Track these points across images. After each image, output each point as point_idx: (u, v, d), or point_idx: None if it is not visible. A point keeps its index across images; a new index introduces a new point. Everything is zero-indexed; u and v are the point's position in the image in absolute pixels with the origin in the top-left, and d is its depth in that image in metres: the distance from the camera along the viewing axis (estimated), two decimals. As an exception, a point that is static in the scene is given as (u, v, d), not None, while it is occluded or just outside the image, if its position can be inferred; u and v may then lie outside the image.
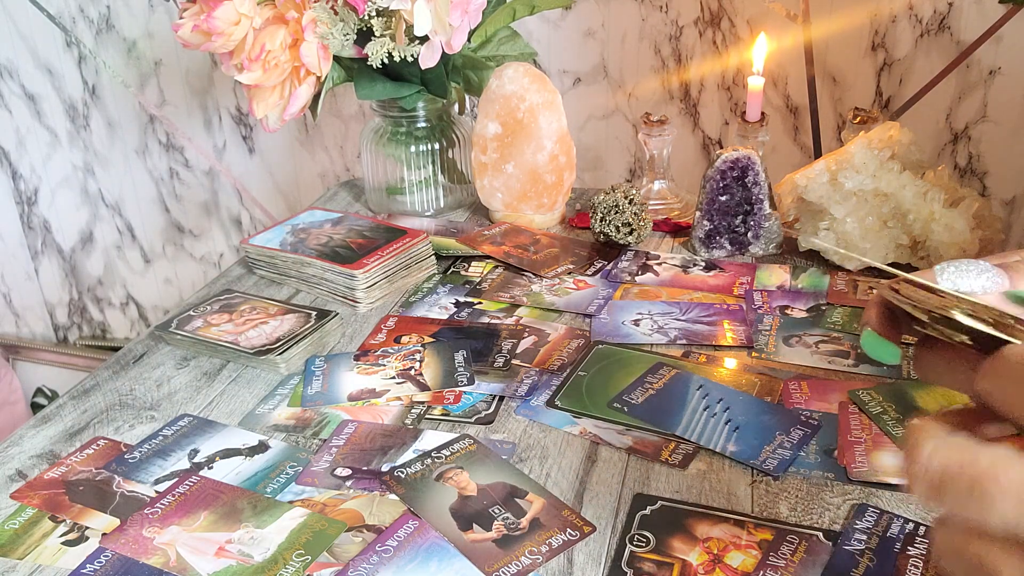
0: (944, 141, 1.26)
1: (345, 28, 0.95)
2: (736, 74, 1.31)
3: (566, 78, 1.38)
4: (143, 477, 0.64)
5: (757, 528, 0.57)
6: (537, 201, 1.04)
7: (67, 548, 0.58)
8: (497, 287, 0.91)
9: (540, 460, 0.65)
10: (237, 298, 0.90)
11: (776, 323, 0.82)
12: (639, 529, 0.57)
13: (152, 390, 0.76)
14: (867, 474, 0.61)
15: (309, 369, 0.77)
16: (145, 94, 1.60)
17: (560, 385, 0.73)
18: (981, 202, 0.89)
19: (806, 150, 1.32)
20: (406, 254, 0.92)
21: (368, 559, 0.55)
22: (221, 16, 0.89)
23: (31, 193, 1.77)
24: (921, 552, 0.54)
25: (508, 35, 1.07)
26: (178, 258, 1.78)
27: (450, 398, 0.73)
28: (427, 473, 0.63)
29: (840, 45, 1.25)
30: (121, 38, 1.56)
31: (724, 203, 0.94)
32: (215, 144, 1.63)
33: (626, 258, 0.96)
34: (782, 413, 0.68)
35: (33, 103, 1.67)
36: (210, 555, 0.56)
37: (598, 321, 0.83)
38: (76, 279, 1.85)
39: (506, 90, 0.99)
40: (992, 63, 1.19)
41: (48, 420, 0.72)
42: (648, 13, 1.31)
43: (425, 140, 1.09)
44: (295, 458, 0.66)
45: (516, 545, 0.56)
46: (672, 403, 0.70)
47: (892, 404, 0.69)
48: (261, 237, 0.97)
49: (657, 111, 1.15)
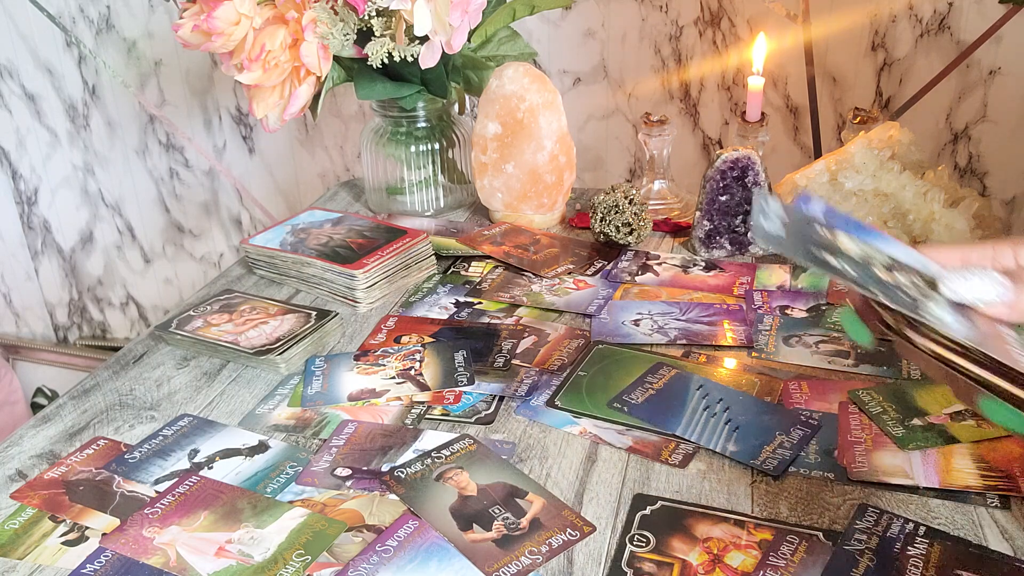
0: (944, 141, 1.26)
1: (345, 28, 0.95)
2: (736, 74, 1.31)
3: (566, 78, 1.38)
4: (143, 477, 0.64)
5: (757, 528, 0.57)
6: (537, 201, 1.04)
7: (67, 548, 0.58)
8: (497, 287, 0.91)
9: (540, 460, 0.65)
10: (237, 298, 0.90)
11: (776, 323, 0.82)
12: (639, 529, 0.57)
13: (152, 390, 0.76)
14: (867, 474, 0.61)
15: (309, 369, 0.77)
16: (145, 94, 1.60)
17: (560, 385, 0.73)
18: (981, 202, 0.89)
19: (806, 150, 1.32)
20: (406, 254, 0.92)
21: (368, 559, 0.55)
22: (221, 16, 0.89)
23: (31, 193, 1.77)
24: (921, 552, 0.54)
25: (508, 35, 1.07)
26: (178, 258, 1.78)
27: (450, 398, 0.73)
28: (427, 473, 0.63)
29: (840, 45, 1.25)
30: (121, 38, 1.56)
31: (724, 203, 0.94)
32: (215, 144, 1.63)
33: (626, 258, 0.96)
34: (782, 413, 0.68)
35: (33, 103, 1.67)
36: (210, 555, 0.56)
37: (598, 321, 0.83)
38: (76, 279, 1.85)
39: (506, 90, 0.99)
40: (992, 63, 1.19)
41: (48, 420, 0.72)
42: (648, 13, 1.31)
43: (425, 140, 1.09)
44: (295, 458, 0.66)
45: (516, 545, 0.56)
46: (672, 403, 0.70)
47: (892, 404, 0.68)
48: (261, 237, 0.97)
49: (657, 111, 1.15)
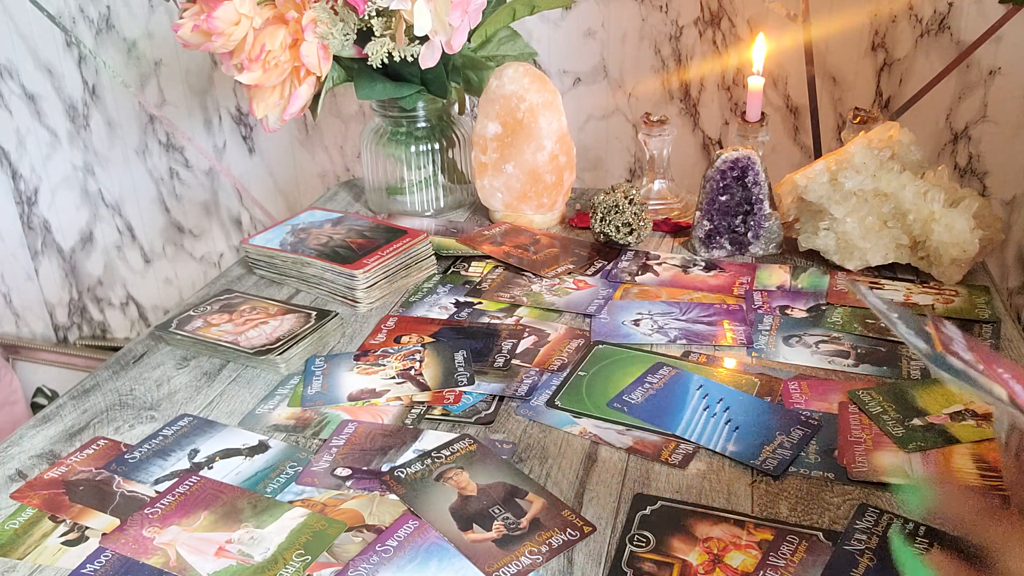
0: (944, 141, 1.26)
1: (345, 28, 0.95)
2: (736, 74, 1.31)
3: (566, 78, 1.38)
4: (143, 477, 0.64)
5: (757, 528, 0.57)
6: (537, 201, 1.04)
7: (67, 548, 0.58)
8: (497, 287, 0.91)
9: (540, 460, 0.65)
10: (237, 298, 0.90)
11: (776, 323, 0.82)
12: (639, 529, 0.57)
13: (152, 390, 0.76)
14: (867, 474, 0.61)
15: (309, 369, 0.77)
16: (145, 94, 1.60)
17: (560, 385, 0.73)
18: (981, 202, 0.89)
19: (806, 150, 1.32)
20: (406, 254, 0.92)
21: (368, 559, 0.55)
22: (221, 16, 0.89)
23: (31, 193, 1.77)
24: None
25: (508, 35, 1.07)
26: (178, 258, 1.78)
27: (450, 398, 0.73)
28: (427, 473, 0.63)
29: (840, 45, 1.25)
30: (121, 38, 1.56)
31: (724, 203, 0.94)
32: (215, 144, 1.63)
33: (626, 258, 0.96)
34: (782, 413, 0.68)
35: (33, 103, 1.67)
36: (210, 555, 0.56)
37: (598, 321, 0.83)
38: (76, 279, 1.85)
39: (506, 90, 0.99)
40: (992, 63, 1.19)
41: (48, 420, 0.72)
42: (648, 13, 1.31)
43: (425, 140, 1.09)
44: (295, 458, 0.66)
45: (516, 545, 0.56)
46: (672, 403, 0.70)
47: (892, 404, 0.68)
48: (261, 237, 0.97)
49: (657, 111, 1.15)
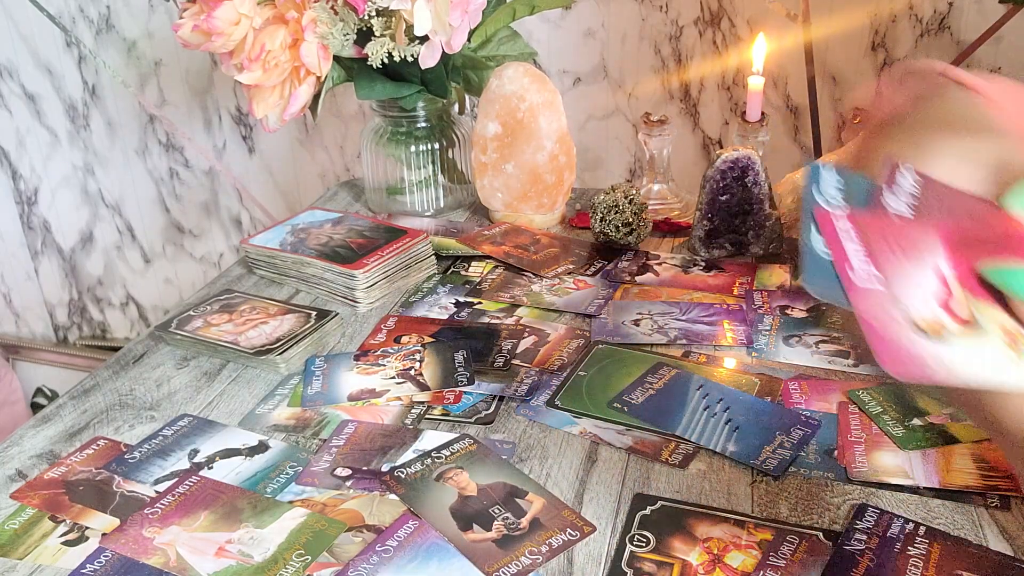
0: (944, 141, 1.26)
1: (345, 28, 0.95)
2: (736, 74, 1.31)
3: (566, 78, 1.39)
4: (143, 477, 0.64)
5: (757, 528, 0.57)
6: (537, 201, 1.04)
7: (67, 548, 0.58)
8: (497, 287, 0.91)
9: (540, 460, 0.65)
10: (237, 298, 0.90)
11: (776, 323, 0.82)
12: (639, 529, 0.57)
13: (152, 390, 0.76)
14: (867, 474, 0.61)
15: (309, 369, 0.77)
16: (145, 94, 1.60)
17: (560, 385, 0.73)
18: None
19: (806, 150, 1.32)
20: (406, 254, 0.92)
21: (368, 559, 0.55)
22: (221, 16, 0.89)
23: (31, 193, 1.77)
24: (921, 552, 0.54)
25: (508, 35, 1.07)
26: (178, 258, 1.78)
27: (450, 398, 0.73)
28: (427, 473, 0.63)
29: (840, 45, 1.25)
30: (121, 38, 1.56)
31: (724, 203, 0.94)
32: (215, 144, 1.63)
33: (626, 258, 0.96)
34: (782, 413, 0.68)
35: (33, 103, 1.67)
36: (210, 555, 0.56)
37: (598, 321, 0.83)
38: (76, 279, 1.85)
39: (506, 90, 0.99)
40: (992, 63, 1.19)
41: (48, 420, 0.72)
42: (648, 13, 1.31)
43: (425, 140, 1.09)
44: (295, 458, 0.66)
45: (516, 545, 0.56)
46: (672, 403, 0.70)
47: (892, 404, 0.69)
48: (261, 237, 0.97)
49: (657, 111, 1.15)
